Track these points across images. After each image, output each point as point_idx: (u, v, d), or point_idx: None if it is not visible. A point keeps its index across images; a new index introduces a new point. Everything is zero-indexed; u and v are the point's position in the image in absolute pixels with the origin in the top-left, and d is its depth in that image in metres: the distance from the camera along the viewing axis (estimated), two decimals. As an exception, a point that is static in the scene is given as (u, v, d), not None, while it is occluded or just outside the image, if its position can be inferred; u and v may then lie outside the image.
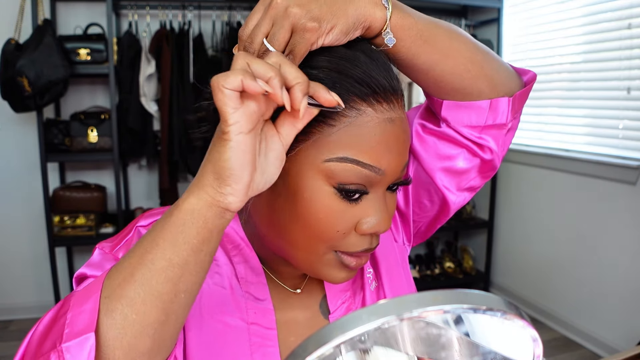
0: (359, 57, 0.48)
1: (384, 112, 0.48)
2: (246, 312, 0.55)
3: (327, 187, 0.48)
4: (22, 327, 2.70)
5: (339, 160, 0.47)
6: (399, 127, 0.49)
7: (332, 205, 0.48)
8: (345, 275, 0.53)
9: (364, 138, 0.47)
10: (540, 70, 2.78)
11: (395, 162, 0.49)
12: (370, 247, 0.52)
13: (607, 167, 2.32)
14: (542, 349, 0.34)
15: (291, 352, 0.29)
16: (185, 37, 2.56)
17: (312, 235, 0.50)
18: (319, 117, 0.46)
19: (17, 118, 2.59)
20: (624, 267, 2.26)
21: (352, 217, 0.50)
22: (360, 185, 0.48)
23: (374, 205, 0.50)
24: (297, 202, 0.49)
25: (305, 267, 0.53)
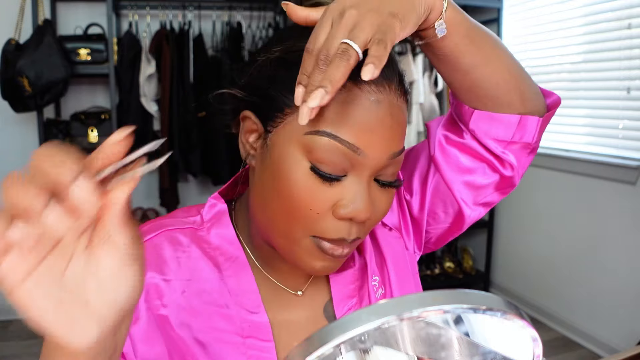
0: None
1: (371, 93, 0.48)
2: (240, 326, 0.54)
3: (305, 162, 0.48)
4: (22, 327, 2.70)
5: (318, 134, 0.47)
6: (386, 111, 0.48)
7: (307, 182, 0.48)
8: (325, 265, 0.52)
9: (346, 115, 0.47)
10: (540, 70, 2.78)
11: (377, 145, 0.48)
12: (347, 236, 0.50)
13: (607, 167, 2.32)
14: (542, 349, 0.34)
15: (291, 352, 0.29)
16: (185, 37, 2.56)
17: (288, 214, 0.49)
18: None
19: (17, 118, 2.60)
20: (624, 267, 2.26)
21: (328, 197, 0.49)
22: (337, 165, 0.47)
23: (354, 189, 0.49)
24: (278, 175, 0.49)
25: (286, 252, 0.53)
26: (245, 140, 0.54)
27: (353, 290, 0.61)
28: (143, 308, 0.53)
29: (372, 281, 0.63)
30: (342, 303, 0.60)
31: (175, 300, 0.54)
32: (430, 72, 2.91)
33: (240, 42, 2.64)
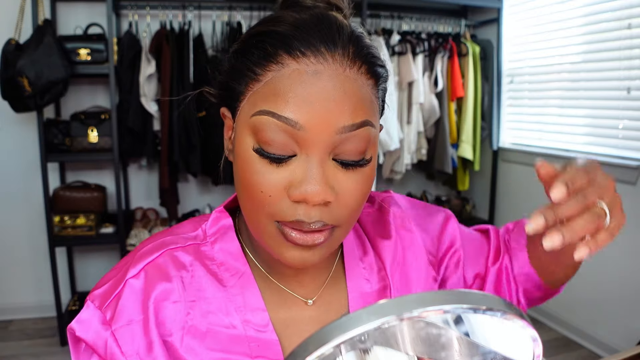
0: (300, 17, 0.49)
1: (309, 65, 0.46)
2: (249, 346, 0.52)
3: (253, 145, 0.48)
4: (22, 327, 2.70)
5: (259, 114, 0.47)
6: (327, 82, 0.46)
7: (256, 164, 0.48)
8: (295, 255, 0.49)
9: (282, 91, 0.46)
10: (540, 70, 2.78)
11: (319, 119, 0.45)
12: (306, 219, 0.47)
13: (607, 167, 2.32)
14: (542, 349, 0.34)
15: (291, 352, 0.29)
16: (185, 37, 2.56)
17: (249, 200, 0.49)
18: (251, 74, 0.48)
19: (17, 118, 2.60)
20: (624, 267, 2.26)
21: (279, 179, 0.47)
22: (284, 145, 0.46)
23: (303, 169, 0.47)
24: (237, 163, 0.50)
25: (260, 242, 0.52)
26: (227, 137, 0.55)
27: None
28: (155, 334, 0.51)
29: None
30: None
31: (180, 323, 0.52)
32: (430, 72, 2.91)
33: (240, 42, 2.64)
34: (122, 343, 0.49)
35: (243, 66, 0.49)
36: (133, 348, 0.49)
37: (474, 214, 3.23)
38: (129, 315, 0.50)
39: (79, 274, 2.87)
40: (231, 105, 0.52)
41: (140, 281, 0.52)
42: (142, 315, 0.51)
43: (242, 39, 0.52)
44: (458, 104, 2.99)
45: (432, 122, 2.94)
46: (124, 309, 0.50)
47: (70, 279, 2.81)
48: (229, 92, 0.52)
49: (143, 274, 0.52)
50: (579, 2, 2.49)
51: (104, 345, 0.50)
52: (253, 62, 0.48)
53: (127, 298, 0.51)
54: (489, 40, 3.00)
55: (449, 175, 3.07)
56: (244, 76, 0.49)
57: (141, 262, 0.53)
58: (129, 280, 0.52)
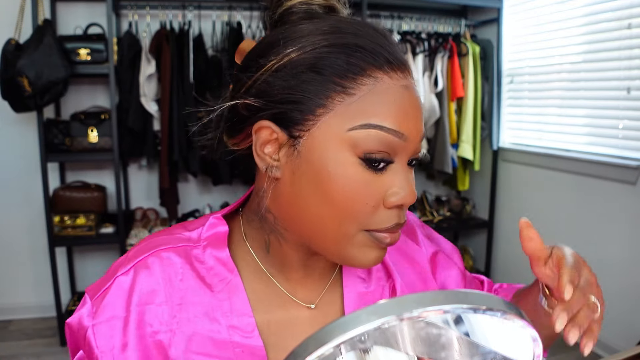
0: (368, 31, 0.51)
1: (399, 79, 0.50)
2: (233, 351, 0.53)
3: (353, 158, 0.48)
4: (22, 327, 2.70)
5: (363, 127, 0.48)
6: (412, 94, 0.51)
7: (359, 177, 0.48)
8: (378, 255, 0.52)
9: (384, 104, 0.48)
10: (540, 70, 2.78)
11: (414, 127, 0.50)
12: (399, 221, 0.51)
13: (607, 167, 2.32)
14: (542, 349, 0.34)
15: (291, 352, 0.29)
16: (185, 37, 2.56)
17: (341, 214, 0.49)
18: (338, 87, 0.48)
19: (17, 118, 2.60)
20: (624, 267, 2.26)
21: (380, 188, 0.49)
22: (385, 153, 0.49)
23: (400, 176, 0.50)
24: (322, 178, 0.49)
25: (336, 254, 0.52)
26: (262, 152, 0.51)
27: None
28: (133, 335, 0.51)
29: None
30: None
31: (167, 325, 0.52)
32: (430, 72, 2.91)
33: (240, 42, 2.63)
34: (98, 337, 0.51)
35: (324, 79, 0.48)
36: (108, 344, 0.51)
37: (474, 214, 3.23)
38: (112, 312, 0.52)
39: (78, 274, 2.87)
40: (289, 119, 0.49)
41: (129, 279, 0.53)
42: (125, 314, 0.52)
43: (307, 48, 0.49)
44: (458, 104, 2.99)
45: (432, 122, 2.94)
46: (108, 305, 0.52)
47: (70, 279, 2.81)
48: (290, 104, 0.49)
49: (132, 273, 0.53)
50: (579, 2, 2.49)
51: (83, 336, 0.52)
52: (339, 76, 0.48)
53: (113, 294, 0.52)
54: (489, 40, 3.00)
55: (449, 175, 3.07)
56: (325, 89, 0.48)
57: (132, 261, 0.54)
58: (118, 277, 0.53)
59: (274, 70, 0.50)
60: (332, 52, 0.49)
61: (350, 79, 0.48)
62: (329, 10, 0.55)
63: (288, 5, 0.54)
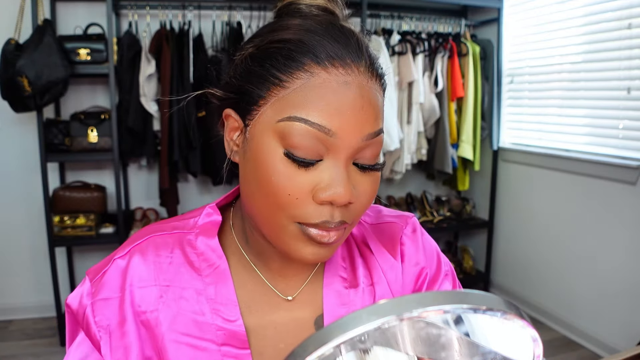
0: (322, 28, 0.51)
1: (339, 75, 0.49)
2: (215, 334, 0.55)
3: (280, 149, 0.49)
4: (22, 327, 2.70)
5: (289, 120, 0.48)
6: (356, 92, 0.49)
7: (283, 168, 0.49)
8: (315, 252, 0.52)
9: (314, 99, 0.48)
10: (540, 70, 2.78)
11: (349, 127, 0.48)
12: (330, 219, 0.50)
13: (607, 167, 2.32)
14: (542, 349, 0.34)
15: (291, 352, 0.29)
16: (185, 37, 2.56)
17: (270, 202, 0.50)
18: (276, 80, 0.49)
19: (17, 118, 2.60)
20: (624, 267, 2.26)
21: (306, 182, 0.49)
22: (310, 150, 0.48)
23: (331, 173, 0.49)
24: (256, 165, 0.51)
25: (275, 241, 0.53)
26: (230, 138, 0.55)
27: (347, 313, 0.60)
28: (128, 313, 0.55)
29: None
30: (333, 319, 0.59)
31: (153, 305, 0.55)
32: (430, 72, 2.91)
33: (240, 42, 2.63)
34: (97, 314, 0.55)
35: (265, 71, 0.50)
36: (105, 320, 0.54)
37: (474, 214, 3.23)
38: (109, 292, 0.55)
39: (78, 274, 2.87)
40: (244, 107, 0.53)
41: (125, 262, 0.57)
42: (120, 294, 0.55)
43: (260, 44, 0.52)
44: (458, 104, 2.99)
45: (432, 122, 2.94)
46: (105, 285, 0.56)
47: (70, 279, 2.81)
48: (242, 95, 0.52)
49: (128, 257, 0.57)
50: (579, 2, 2.49)
51: (82, 314, 0.55)
52: (278, 69, 0.49)
53: (111, 275, 0.56)
54: (489, 40, 3.00)
55: (449, 175, 3.07)
56: (265, 81, 0.50)
57: (129, 246, 0.58)
58: (116, 259, 0.57)
59: (236, 64, 0.54)
60: (275, 47, 0.50)
61: (286, 73, 0.49)
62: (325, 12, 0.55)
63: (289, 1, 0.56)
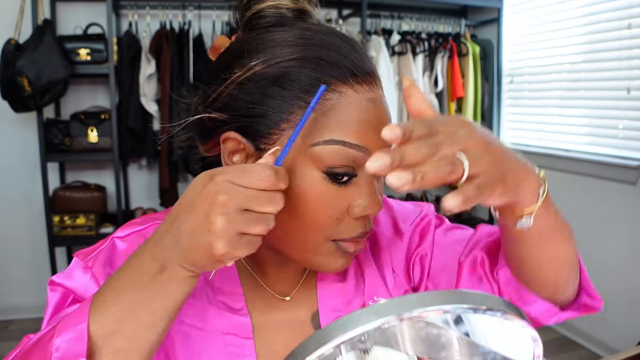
0: (335, 42, 0.50)
1: (365, 92, 0.49)
2: (221, 322, 0.55)
3: (316, 172, 0.49)
4: (22, 327, 2.70)
5: (326, 143, 0.48)
6: (379, 107, 0.50)
7: (323, 190, 0.49)
8: (344, 262, 0.53)
9: (348, 119, 0.48)
10: (540, 70, 2.78)
11: (379, 141, 0.48)
12: (365, 230, 0.52)
13: (607, 167, 2.32)
14: (542, 349, 0.34)
15: (291, 352, 0.29)
16: (185, 37, 2.56)
17: (307, 226, 0.50)
18: (302, 102, 0.48)
19: (17, 118, 2.59)
20: (624, 267, 2.26)
21: (343, 200, 0.50)
22: (348, 167, 0.49)
23: (364, 188, 0.50)
24: (289, 191, 0.49)
25: (305, 261, 0.53)
26: (230, 162, 0.52)
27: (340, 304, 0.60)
28: None
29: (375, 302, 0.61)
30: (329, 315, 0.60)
31: None
32: (430, 72, 2.91)
33: (240, 42, 2.64)
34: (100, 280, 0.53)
35: (287, 93, 0.48)
36: None
37: (474, 214, 3.23)
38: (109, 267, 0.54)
39: (79, 274, 2.87)
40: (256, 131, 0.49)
41: (125, 245, 0.56)
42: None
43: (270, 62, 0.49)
44: (458, 104, 2.99)
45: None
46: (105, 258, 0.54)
47: (70, 279, 2.81)
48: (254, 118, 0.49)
49: (129, 240, 0.56)
50: (579, 2, 2.49)
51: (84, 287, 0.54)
52: (303, 91, 0.48)
53: (109, 251, 0.55)
54: (489, 40, 3.00)
55: (449, 175, 3.06)
56: (288, 104, 0.48)
57: (129, 229, 0.57)
58: (114, 238, 0.56)
59: (238, 83, 0.50)
60: (295, 66, 0.48)
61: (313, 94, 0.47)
62: (299, 14, 0.54)
63: (256, 9, 0.53)
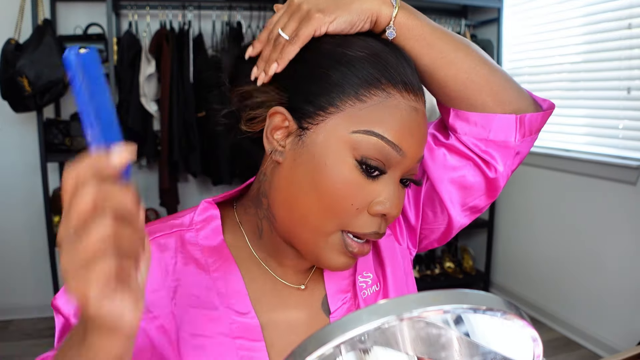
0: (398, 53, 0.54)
1: (411, 100, 0.52)
2: (230, 327, 0.55)
3: (350, 159, 0.51)
4: (22, 327, 2.70)
5: (366, 133, 0.50)
6: (422, 118, 0.53)
7: (352, 177, 0.51)
8: (345, 262, 0.54)
9: (391, 118, 0.51)
10: (540, 70, 2.78)
11: (415, 148, 0.52)
12: (379, 231, 0.53)
13: (607, 167, 2.32)
14: (542, 349, 0.34)
15: (291, 352, 0.29)
16: (185, 37, 2.56)
17: (326, 207, 0.51)
18: (353, 92, 0.51)
19: (17, 118, 2.59)
20: (624, 267, 2.26)
21: (368, 193, 0.51)
22: (381, 162, 0.51)
23: (389, 187, 0.52)
24: (318, 170, 0.51)
25: (310, 247, 0.54)
26: (271, 137, 0.54)
27: (347, 285, 0.62)
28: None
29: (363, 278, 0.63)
30: (336, 297, 0.61)
31: (165, 309, 0.54)
32: (430, 72, 2.91)
33: (240, 42, 2.64)
34: None
35: (344, 81, 0.51)
36: None
37: (474, 214, 3.23)
38: None
39: (79, 274, 2.87)
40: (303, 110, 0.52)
41: None
42: None
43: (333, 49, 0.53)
44: (458, 104, 2.99)
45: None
46: None
47: (70, 279, 2.81)
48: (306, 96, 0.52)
49: None
50: (579, 2, 2.49)
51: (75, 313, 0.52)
52: (359, 83, 0.51)
53: None
54: (489, 40, 3.00)
55: (449, 175, 3.06)
56: (342, 91, 0.51)
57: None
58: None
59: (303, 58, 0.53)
60: (363, 58, 0.51)
61: (365, 88, 0.51)
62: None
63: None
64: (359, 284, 0.62)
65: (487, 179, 0.63)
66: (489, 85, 0.59)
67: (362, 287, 0.63)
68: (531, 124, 0.62)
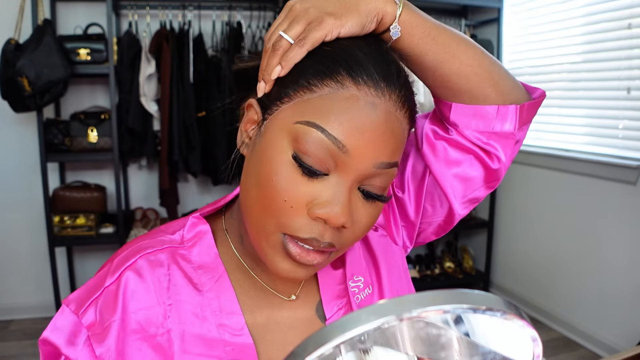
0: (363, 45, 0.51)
1: (368, 95, 0.47)
2: (224, 350, 0.53)
3: (289, 151, 0.48)
4: (22, 327, 2.70)
5: (307, 124, 0.47)
6: (380, 117, 0.48)
7: (287, 171, 0.47)
8: (289, 268, 0.50)
9: (338, 111, 0.47)
10: (540, 70, 2.78)
11: (364, 148, 0.47)
12: (319, 238, 0.48)
13: (607, 167, 2.32)
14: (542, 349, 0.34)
15: (291, 352, 0.29)
16: (185, 37, 2.56)
17: (263, 203, 0.49)
18: (304, 82, 0.49)
19: (17, 118, 2.60)
20: (624, 267, 2.26)
21: (305, 192, 0.48)
22: (320, 161, 0.47)
23: (333, 190, 0.48)
24: (261, 161, 0.49)
25: (256, 245, 0.52)
26: (244, 129, 0.54)
27: (342, 291, 0.61)
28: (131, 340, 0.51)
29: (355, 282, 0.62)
30: (332, 303, 0.60)
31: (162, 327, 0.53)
32: (430, 72, 2.91)
33: (240, 42, 2.64)
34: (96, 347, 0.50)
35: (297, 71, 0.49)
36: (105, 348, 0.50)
37: (473, 214, 3.23)
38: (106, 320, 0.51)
39: (78, 274, 2.87)
40: (267, 101, 0.51)
41: (118, 287, 0.53)
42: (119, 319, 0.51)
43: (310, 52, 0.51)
44: (458, 104, 2.99)
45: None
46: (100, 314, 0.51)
47: (70, 279, 2.81)
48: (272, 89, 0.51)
49: (121, 280, 0.53)
50: (579, 2, 2.49)
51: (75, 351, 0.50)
52: (312, 73, 0.49)
53: (105, 303, 0.52)
54: (489, 40, 3.00)
55: (449, 175, 3.06)
56: (295, 80, 0.49)
57: (119, 269, 0.54)
58: (107, 287, 0.53)
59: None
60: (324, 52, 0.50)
61: (319, 78, 0.48)
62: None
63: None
64: (350, 289, 0.61)
65: (489, 170, 0.63)
66: (491, 76, 0.59)
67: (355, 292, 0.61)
68: (528, 112, 0.62)
